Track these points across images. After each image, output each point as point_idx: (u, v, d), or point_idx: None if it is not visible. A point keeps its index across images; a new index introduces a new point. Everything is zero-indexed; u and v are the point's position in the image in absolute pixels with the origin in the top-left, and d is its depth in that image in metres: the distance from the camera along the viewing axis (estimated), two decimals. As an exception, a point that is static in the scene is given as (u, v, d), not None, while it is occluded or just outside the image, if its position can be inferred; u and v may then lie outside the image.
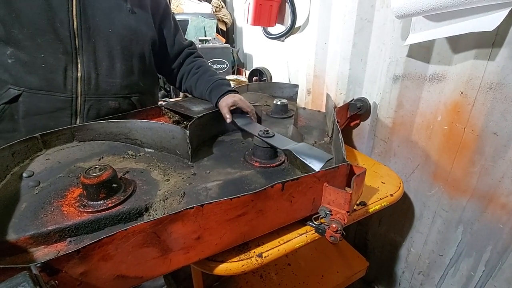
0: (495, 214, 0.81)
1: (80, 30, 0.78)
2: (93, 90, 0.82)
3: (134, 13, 0.86)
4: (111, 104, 0.87)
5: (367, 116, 1.13)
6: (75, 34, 0.78)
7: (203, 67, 1.03)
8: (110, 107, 0.87)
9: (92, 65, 0.81)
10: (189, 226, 0.48)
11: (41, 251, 0.49)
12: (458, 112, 0.83)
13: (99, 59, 0.82)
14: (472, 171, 0.83)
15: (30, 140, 0.70)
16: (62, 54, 0.77)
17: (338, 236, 0.58)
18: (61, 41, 0.76)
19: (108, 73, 0.84)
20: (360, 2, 1.02)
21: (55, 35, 0.75)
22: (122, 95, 0.89)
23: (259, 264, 0.58)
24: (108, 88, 0.85)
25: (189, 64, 1.04)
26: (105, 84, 0.84)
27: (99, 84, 0.83)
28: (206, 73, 1.01)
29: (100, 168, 0.56)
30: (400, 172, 1.03)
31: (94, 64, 0.81)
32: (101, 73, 0.83)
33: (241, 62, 2.16)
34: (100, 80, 0.83)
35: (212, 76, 1.00)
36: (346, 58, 1.14)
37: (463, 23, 0.70)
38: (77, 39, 0.78)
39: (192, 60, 1.05)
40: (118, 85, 0.87)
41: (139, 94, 0.94)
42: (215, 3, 2.09)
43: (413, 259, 1.11)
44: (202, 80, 0.99)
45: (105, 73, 0.84)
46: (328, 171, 0.61)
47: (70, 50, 0.78)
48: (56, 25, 0.75)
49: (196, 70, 1.02)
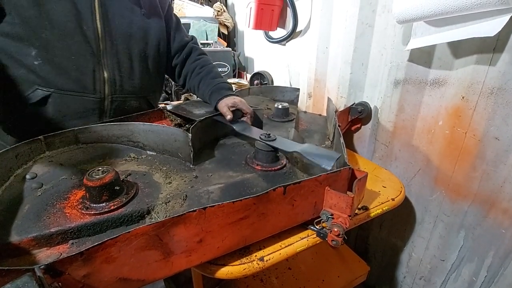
0: (497, 219, 0.81)
1: (104, 33, 0.80)
2: (118, 91, 0.86)
3: (147, 17, 0.89)
4: (134, 103, 0.91)
5: (368, 120, 1.13)
6: (99, 37, 0.80)
7: (206, 67, 1.02)
8: (133, 107, 0.91)
9: (116, 67, 0.84)
10: (191, 229, 0.48)
11: (44, 253, 0.49)
12: (459, 116, 0.83)
13: (121, 61, 0.85)
14: (473, 176, 0.83)
15: (34, 142, 0.70)
16: (90, 56, 0.79)
17: (340, 240, 0.58)
18: (89, 43, 0.79)
19: (129, 75, 0.88)
20: (361, 7, 1.03)
21: (83, 38, 0.77)
22: (141, 95, 0.93)
23: (261, 268, 0.58)
24: (130, 89, 0.89)
25: (193, 62, 1.03)
26: (128, 85, 0.88)
27: (123, 85, 0.87)
28: (209, 75, 1.01)
29: (103, 171, 0.56)
30: (401, 176, 1.03)
31: (117, 66, 0.84)
32: (124, 75, 0.86)
33: (242, 66, 2.18)
34: (124, 81, 0.87)
35: (214, 78, 1.00)
36: (347, 62, 1.15)
37: (464, 28, 0.71)
38: (101, 41, 0.80)
39: (196, 58, 1.04)
40: (138, 86, 0.91)
41: (153, 94, 0.98)
42: (217, 7, 2.11)
43: (414, 264, 1.10)
44: (205, 82, 1.00)
45: (127, 75, 0.87)
46: (329, 175, 0.61)
47: (96, 52, 0.80)
48: (83, 27, 0.77)
49: (199, 70, 1.02)
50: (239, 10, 2.18)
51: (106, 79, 0.83)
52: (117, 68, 0.84)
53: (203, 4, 2.25)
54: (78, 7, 0.75)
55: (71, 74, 0.78)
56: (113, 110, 0.87)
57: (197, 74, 1.01)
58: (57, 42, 0.75)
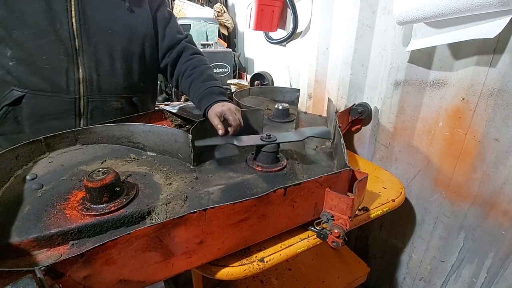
0: (497, 220, 0.81)
1: (80, 31, 0.77)
2: (95, 91, 0.82)
3: (132, 12, 0.85)
4: (114, 104, 0.87)
5: (368, 121, 1.13)
6: (75, 35, 0.77)
7: (198, 68, 0.95)
8: (113, 108, 0.87)
9: (93, 66, 0.81)
10: (192, 230, 0.48)
11: (44, 254, 0.49)
12: (459, 118, 0.83)
13: (100, 60, 0.81)
14: (473, 177, 0.83)
15: (34, 143, 0.70)
16: (64, 55, 0.77)
17: (340, 241, 0.58)
18: (62, 42, 0.76)
19: (110, 74, 0.84)
20: (361, 9, 1.04)
21: (56, 36, 0.75)
22: (124, 96, 0.88)
23: (261, 269, 0.58)
24: (110, 89, 0.85)
25: (185, 63, 0.96)
26: (107, 84, 0.84)
27: (101, 85, 0.83)
28: (199, 77, 0.93)
29: (103, 172, 0.56)
30: (401, 177, 1.03)
31: (95, 65, 0.81)
32: (103, 74, 0.82)
33: (242, 66, 2.18)
34: (102, 80, 0.83)
35: (205, 81, 0.91)
36: (347, 64, 1.15)
37: (464, 30, 0.71)
38: (77, 39, 0.78)
39: (188, 58, 0.96)
40: (120, 86, 0.86)
41: (140, 94, 0.93)
42: (217, 8, 2.11)
43: (414, 265, 1.10)
44: (195, 86, 0.92)
45: (106, 74, 0.83)
46: (330, 176, 0.61)
47: (70, 51, 0.78)
48: (56, 26, 0.75)
49: (190, 71, 0.94)
50: (239, 11, 2.19)
51: (81, 78, 0.80)
52: (95, 67, 0.81)
53: (204, 5, 2.25)
54: (52, 5, 0.74)
55: (44, 74, 0.76)
56: (90, 111, 0.83)
57: (188, 77, 0.94)
58: (30, 42, 0.73)
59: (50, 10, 0.74)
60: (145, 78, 0.93)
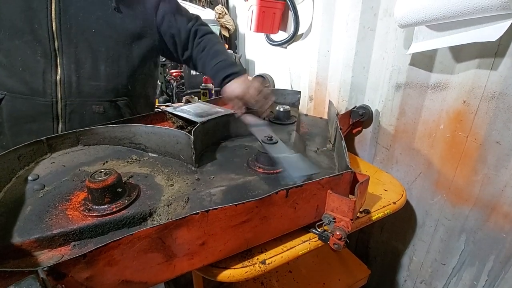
0: (498, 223, 0.81)
1: (60, 31, 0.74)
2: (74, 94, 0.79)
3: (120, 12, 0.82)
4: (95, 108, 0.82)
5: (369, 123, 1.13)
6: (54, 35, 0.74)
7: (207, 48, 0.94)
8: (94, 112, 0.82)
9: (73, 68, 0.78)
10: (194, 232, 0.48)
11: (45, 255, 0.49)
12: (460, 120, 0.83)
13: (81, 61, 0.78)
14: (474, 180, 0.83)
15: (36, 143, 0.70)
16: (41, 56, 0.74)
17: (342, 244, 0.58)
18: (40, 43, 0.73)
19: (91, 76, 0.80)
20: (363, 11, 1.04)
21: (33, 36, 0.73)
22: (107, 99, 0.84)
23: (263, 271, 0.58)
24: (91, 92, 0.81)
25: (196, 47, 0.96)
26: (88, 87, 0.80)
27: (80, 87, 0.79)
28: (208, 57, 0.92)
29: (105, 173, 0.56)
30: (402, 179, 1.03)
31: (75, 66, 0.78)
32: (83, 76, 0.79)
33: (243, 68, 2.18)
34: (82, 83, 0.79)
35: (213, 58, 0.91)
36: (348, 66, 1.16)
37: (465, 33, 0.71)
38: (57, 40, 0.75)
39: (198, 42, 0.96)
40: (103, 89, 0.82)
41: (127, 98, 0.88)
42: (219, 9, 2.12)
43: (415, 267, 1.10)
44: (208, 66, 0.92)
45: (87, 76, 0.79)
46: (331, 178, 0.61)
47: (49, 52, 0.75)
48: (34, 26, 0.73)
49: (201, 54, 0.94)
50: (241, 12, 2.19)
51: (59, 80, 0.77)
52: (75, 69, 0.78)
53: (205, 6, 2.26)
54: (32, 4, 0.71)
55: (19, 76, 0.74)
56: (68, 115, 0.80)
57: (200, 59, 0.94)
58: (6, 43, 0.72)
59: (29, 10, 0.71)
60: (135, 81, 0.89)
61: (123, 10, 0.83)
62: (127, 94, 0.88)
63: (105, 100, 0.84)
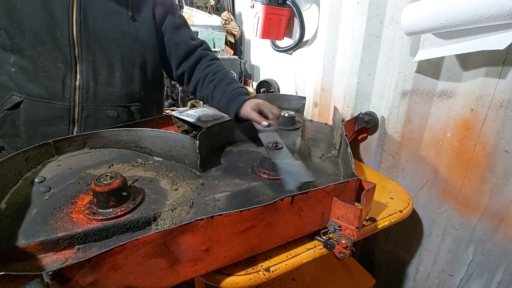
0: (507, 233, 0.79)
1: (80, 39, 0.79)
2: (91, 99, 0.82)
3: (135, 20, 0.85)
4: (110, 113, 0.86)
5: (375, 130, 1.13)
6: (75, 43, 0.78)
7: (220, 73, 0.94)
8: (108, 116, 0.86)
9: (91, 74, 0.81)
10: (198, 237, 0.48)
11: (50, 258, 0.49)
12: (468, 129, 0.82)
13: (98, 68, 0.82)
14: (483, 189, 0.82)
15: (43, 146, 0.71)
16: (61, 63, 0.78)
17: (348, 252, 0.57)
18: (61, 50, 0.77)
19: (107, 82, 0.84)
20: (368, 19, 1.04)
21: (54, 44, 0.77)
22: (120, 104, 0.87)
23: (267, 278, 0.57)
24: (106, 97, 0.84)
25: (205, 69, 0.95)
26: (104, 93, 0.84)
27: (97, 93, 0.83)
28: (223, 81, 0.92)
29: (111, 176, 0.57)
30: (408, 187, 1.02)
31: (93, 72, 0.81)
32: (100, 82, 0.83)
33: (248, 74, 2.20)
34: (99, 89, 0.83)
35: (229, 84, 0.91)
36: (354, 72, 1.15)
37: (473, 41, 0.71)
38: (77, 48, 0.79)
39: (208, 64, 0.96)
40: (117, 94, 0.86)
41: (140, 104, 0.92)
42: (225, 16, 2.15)
43: (421, 278, 1.08)
44: (219, 90, 0.90)
45: (103, 82, 0.83)
46: (337, 185, 0.60)
47: (69, 59, 0.79)
48: (56, 34, 0.76)
49: (212, 76, 0.93)
50: (246, 19, 2.22)
51: (78, 86, 0.80)
52: (93, 75, 0.81)
53: (211, 13, 2.29)
54: (54, 14, 0.75)
55: (40, 81, 0.77)
56: (84, 119, 0.83)
57: (210, 82, 0.93)
58: (29, 50, 0.75)
59: (51, 19, 0.76)
60: (147, 87, 0.93)
61: (138, 18, 0.87)
62: (139, 99, 0.92)
63: (119, 105, 0.87)
